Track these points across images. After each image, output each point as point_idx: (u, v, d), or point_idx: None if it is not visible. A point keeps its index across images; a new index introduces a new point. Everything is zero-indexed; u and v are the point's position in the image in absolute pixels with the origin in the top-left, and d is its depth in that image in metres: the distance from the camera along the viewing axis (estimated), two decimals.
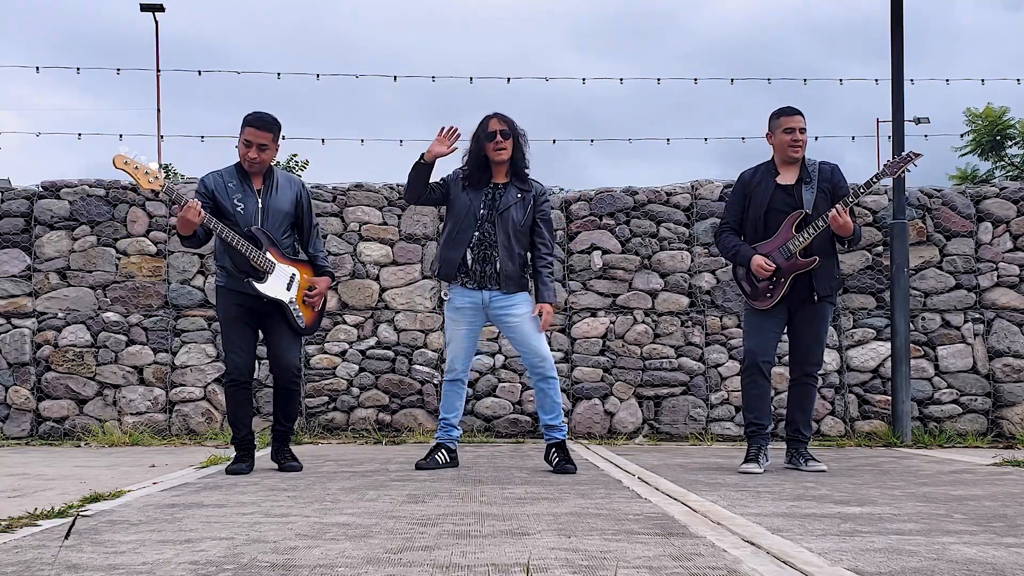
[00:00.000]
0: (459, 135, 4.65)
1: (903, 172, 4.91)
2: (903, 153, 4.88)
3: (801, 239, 4.68)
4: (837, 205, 4.63)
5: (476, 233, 4.70)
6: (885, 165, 4.86)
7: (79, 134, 25.63)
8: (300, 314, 4.72)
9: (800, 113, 4.85)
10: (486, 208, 4.73)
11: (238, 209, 4.61)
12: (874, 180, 4.71)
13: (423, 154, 4.65)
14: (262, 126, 4.62)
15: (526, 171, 4.82)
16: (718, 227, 5.16)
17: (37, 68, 13.80)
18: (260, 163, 4.64)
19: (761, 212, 4.80)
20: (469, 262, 4.72)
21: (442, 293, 5.06)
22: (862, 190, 4.70)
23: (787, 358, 5.30)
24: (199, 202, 4.44)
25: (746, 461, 4.78)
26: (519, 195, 4.76)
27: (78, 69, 13.92)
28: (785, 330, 4.98)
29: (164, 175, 4.46)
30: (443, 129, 4.64)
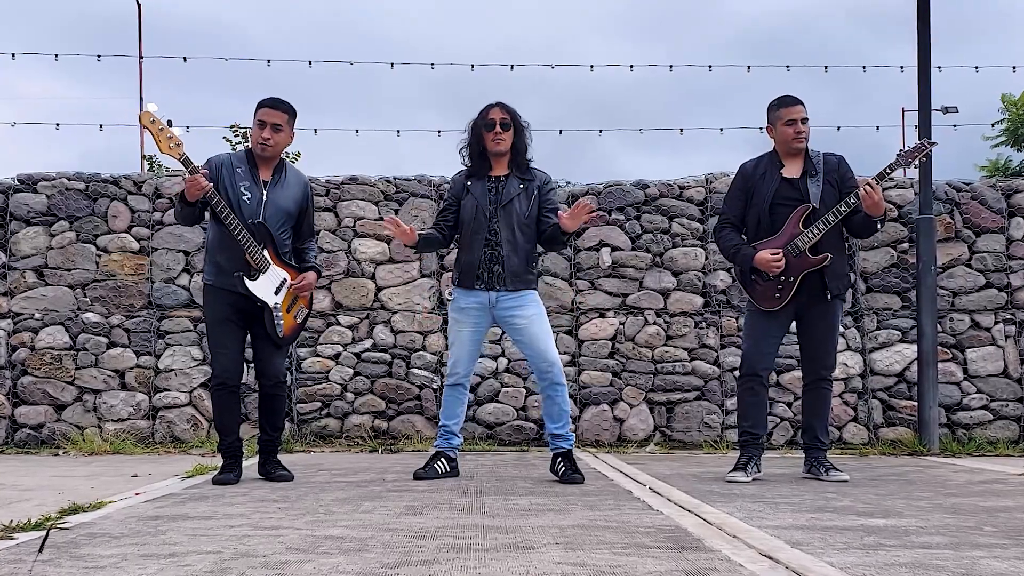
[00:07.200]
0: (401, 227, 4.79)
1: (919, 161, 4.87)
2: (917, 141, 4.86)
3: (810, 235, 4.66)
4: (870, 180, 4.57)
5: (487, 233, 4.72)
6: (898, 154, 4.81)
7: (57, 124, 25.78)
8: (281, 322, 4.71)
9: (800, 102, 4.83)
10: (492, 204, 4.74)
11: (244, 199, 4.60)
12: (887, 171, 4.68)
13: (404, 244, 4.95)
14: (277, 105, 4.68)
15: (528, 162, 4.83)
16: (717, 222, 5.14)
17: (13, 55, 13.79)
18: (273, 146, 4.65)
19: (765, 206, 4.78)
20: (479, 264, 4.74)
21: (446, 293, 5.08)
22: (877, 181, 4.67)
23: (800, 361, 5.28)
24: (209, 184, 4.46)
25: (734, 470, 4.79)
26: (521, 185, 4.77)
27: (56, 55, 13.88)
28: (793, 330, 4.97)
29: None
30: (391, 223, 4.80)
